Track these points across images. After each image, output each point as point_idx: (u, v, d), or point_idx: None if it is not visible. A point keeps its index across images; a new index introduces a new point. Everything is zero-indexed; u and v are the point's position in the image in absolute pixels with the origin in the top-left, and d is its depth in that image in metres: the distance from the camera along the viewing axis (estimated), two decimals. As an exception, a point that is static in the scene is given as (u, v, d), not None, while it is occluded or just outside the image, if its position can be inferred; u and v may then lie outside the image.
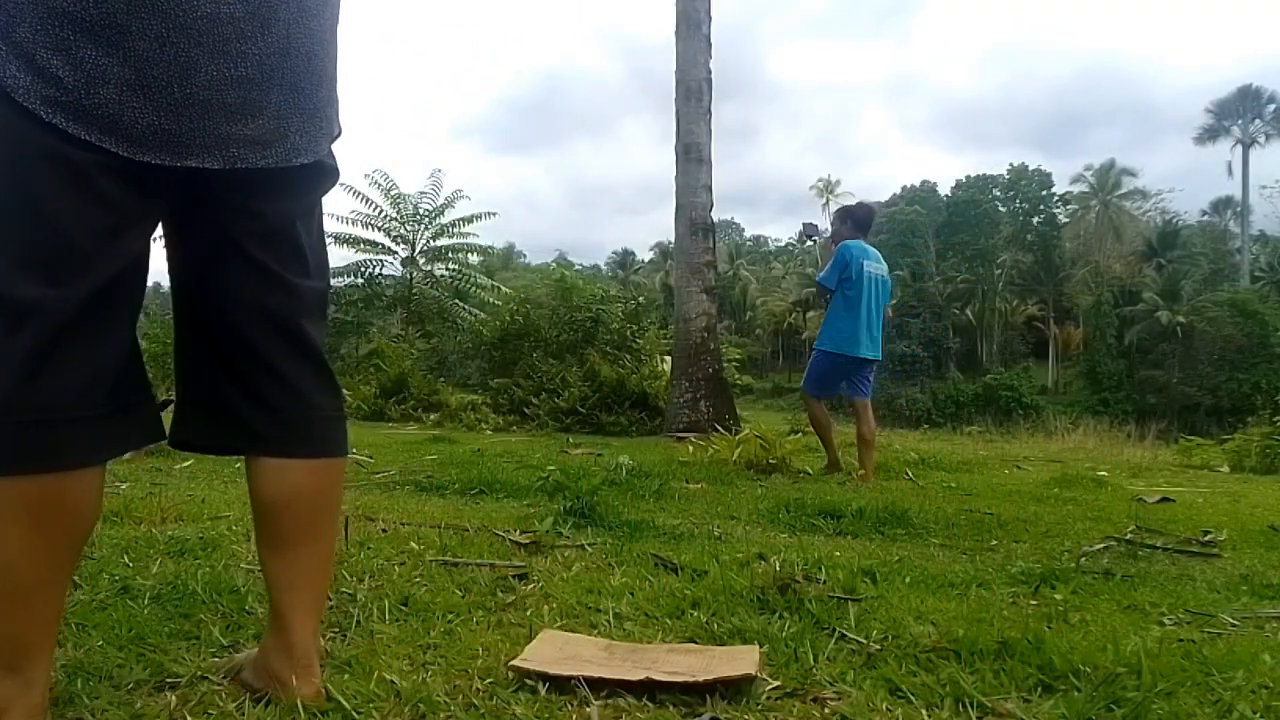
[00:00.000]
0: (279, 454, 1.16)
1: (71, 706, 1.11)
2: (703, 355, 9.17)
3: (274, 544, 1.17)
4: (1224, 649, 1.54)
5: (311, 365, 1.20)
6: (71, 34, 0.96)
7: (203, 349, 1.18)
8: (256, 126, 1.07)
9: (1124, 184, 52.44)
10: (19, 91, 0.96)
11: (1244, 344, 37.54)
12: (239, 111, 1.05)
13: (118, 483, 3.22)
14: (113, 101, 0.98)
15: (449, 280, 18.77)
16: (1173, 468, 8.81)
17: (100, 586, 1.65)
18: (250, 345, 1.15)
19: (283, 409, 1.17)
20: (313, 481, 1.18)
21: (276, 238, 1.16)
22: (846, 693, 1.26)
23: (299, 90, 1.11)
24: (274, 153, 1.10)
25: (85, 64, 0.97)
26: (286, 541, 1.17)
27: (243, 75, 1.05)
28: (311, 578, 1.19)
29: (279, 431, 1.17)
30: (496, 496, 3.59)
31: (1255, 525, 3.61)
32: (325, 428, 1.20)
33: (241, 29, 1.04)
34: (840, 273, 5.02)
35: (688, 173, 9.48)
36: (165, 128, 1.01)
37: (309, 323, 1.20)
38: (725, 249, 66.61)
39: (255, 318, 1.15)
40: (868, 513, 3.34)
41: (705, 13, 9.58)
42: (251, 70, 1.05)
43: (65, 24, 0.96)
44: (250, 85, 1.06)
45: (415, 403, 11.56)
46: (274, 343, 1.16)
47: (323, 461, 1.19)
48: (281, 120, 1.10)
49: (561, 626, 1.57)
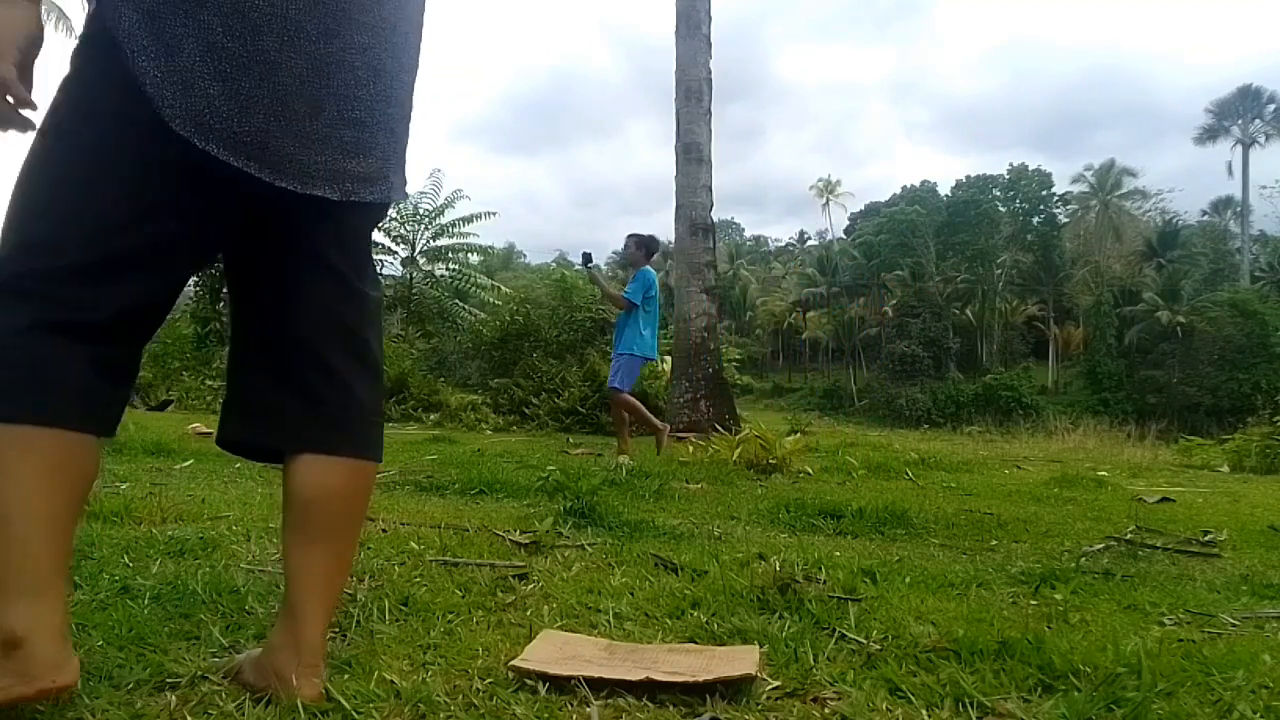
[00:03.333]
0: (323, 450, 1.20)
1: (71, 706, 1.10)
2: (703, 355, 9.17)
3: (302, 538, 1.19)
4: (1224, 649, 1.54)
5: (368, 371, 1.26)
6: (230, 67, 1.06)
7: (267, 353, 1.23)
8: (367, 164, 1.19)
9: (1124, 184, 52.46)
10: (177, 122, 1.04)
11: (1244, 344, 37.54)
12: (354, 149, 1.17)
13: (118, 483, 3.21)
14: (260, 130, 1.08)
15: (449, 280, 18.79)
16: (1173, 468, 8.81)
17: (100, 586, 1.64)
18: (320, 351, 1.21)
19: (332, 408, 1.21)
20: (349, 481, 1.22)
21: (353, 247, 1.25)
22: (846, 693, 1.26)
23: (395, 135, 1.24)
24: (379, 190, 1.21)
25: (241, 94, 1.07)
26: (315, 537, 1.19)
27: (357, 117, 1.16)
28: (330, 576, 1.20)
29: (326, 429, 1.20)
30: (496, 496, 3.59)
31: (1255, 525, 3.61)
32: (368, 430, 1.25)
33: (359, 76, 1.16)
34: (645, 292, 6.10)
35: (688, 173, 9.48)
36: (299, 158, 1.12)
37: (371, 331, 1.27)
38: (725, 249, 66.61)
39: (330, 326, 1.22)
40: (868, 513, 3.34)
41: (705, 13, 9.58)
42: (364, 114, 1.17)
43: (223, 57, 1.06)
44: (362, 127, 1.17)
45: (415, 403, 11.57)
46: (337, 345, 1.22)
47: (361, 463, 1.23)
48: (384, 161, 1.22)
49: (561, 626, 1.57)
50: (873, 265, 57.34)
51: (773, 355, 68.49)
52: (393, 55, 1.21)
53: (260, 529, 2.29)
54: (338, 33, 1.12)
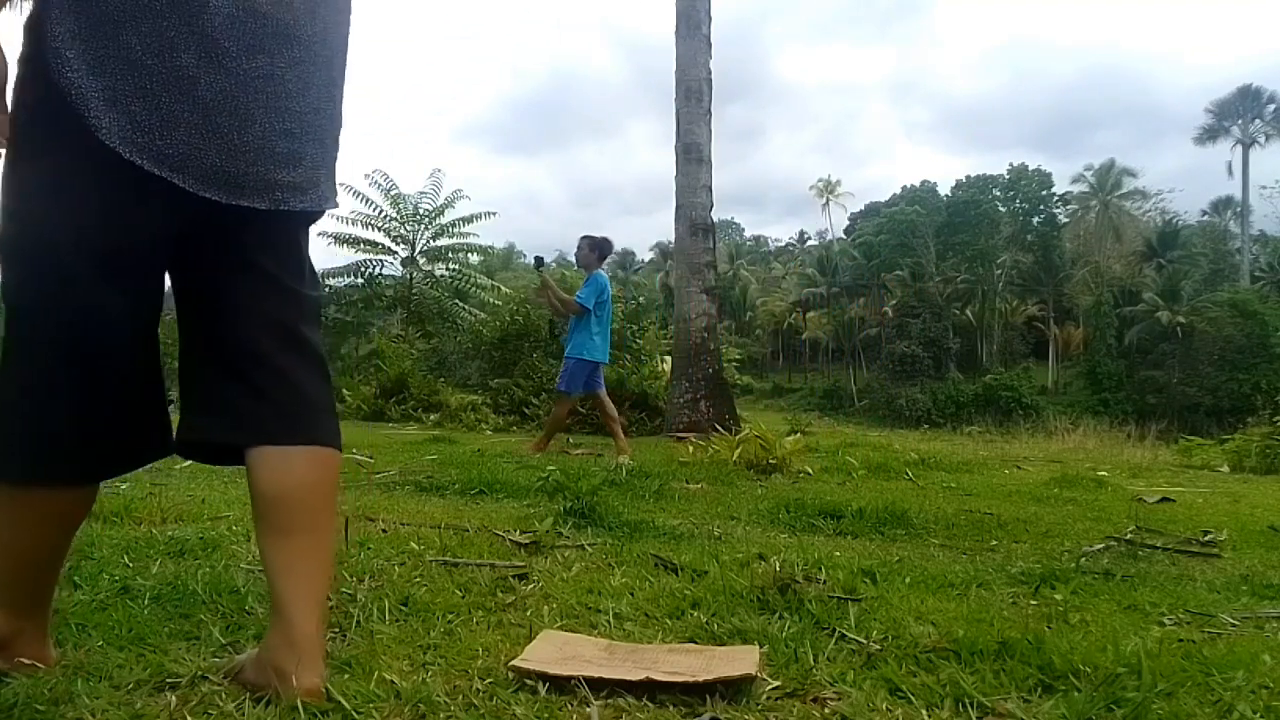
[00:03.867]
0: (281, 442, 1.22)
1: (71, 706, 1.11)
2: (703, 355, 9.16)
3: (274, 534, 1.20)
4: (1224, 649, 1.54)
5: (311, 366, 1.29)
6: (151, 83, 1.10)
7: (208, 353, 1.27)
8: (298, 174, 1.24)
9: (1124, 184, 52.42)
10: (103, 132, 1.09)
11: (1244, 344, 37.54)
12: (285, 160, 1.22)
13: (118, 483, 3.21)
14: (184, 143, 1.12)
15: (449, 280, 18.76)
16: (1173, 468, 8.81)
17: (100, 586, 1.65)
18: (256, 347, 1.24)
19: (284, 402, 1.24)
20: (312, 471, 1.23)
21: (288, 251, 1.29)
22: (846, 693, 1.26)
23: (325, 145, 1.29)
24: (310, 198, 1.27)
25: (162, 109, 1.11)
26: (287, 530, 1.20)
27: (288, 128, 1.21)
28: (312, 568, 1.20)
29: (281, 423, 1.23)
30: (496, 496, 3.58)
31: (1255, 525, 3.61)
32: (320, 419, 1.27)
33: (289, 88, 1.20)
34: (597, 296, 6.09)
35: (688, 173, 9.47)
36: (226, 169, 1.16)
37: (308, 327, 1.30)
38: (725, 249, 66.58)
39: (264, 323, 1.25)
40: (868, 513, 3.34)
41: (705, 13, 9.58)
42: (295, 125, 1.22)
43: (144, 75, 1.10)
44: (293, 138, 1.22)
45: (415, 403, 11.55)
46: (279, 344, 1.25)
47: (322, 451, 1.25)
48: (315, 170, 1.27)
49: (561, 626, 1.57)
50: (873, 265, 57.33)
51: (773, 355, 68.47)
52: (323, 69, 1.26)
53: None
54: (263, 48, 1.17)
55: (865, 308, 59.54)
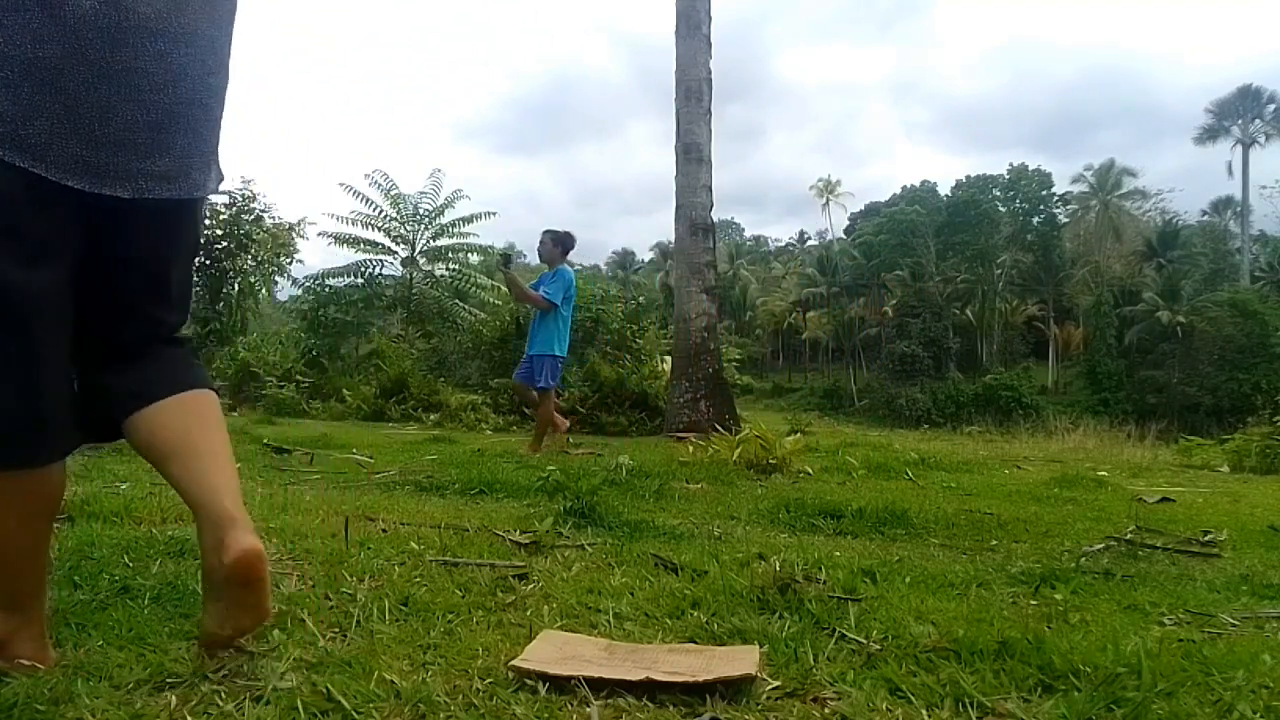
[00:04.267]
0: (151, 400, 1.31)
1: (71, 706, 1.11)
2: (703, 355, 9.16)
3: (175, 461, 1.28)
4: (1224, 649, 1.54)
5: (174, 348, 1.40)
6: (12, 73, 1.12)
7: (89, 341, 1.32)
8: (163, 164, 1.26)
9: (1124, 184, 52.43)
10: None
11: (1244, 344, 37.54)
12: (149, 150, 1.24)
13: (118, 483, 3.21)
14: (44, 132, 1.14)
15: (449, 280, 18.75)
16: (1173, 468, 8.81)
17: (100, 586, 1.64)
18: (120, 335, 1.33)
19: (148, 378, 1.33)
20: (192, 406, 1.33)
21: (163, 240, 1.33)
22: (846, 693, 1.26)
23: (198, 135, 1.32)
24: (177, 187, 1.28)
25: (23, 99, 1.13)
26: (187, 456, 1.28)
27: (153, 120, 1.23)
28: (217, 470, 1.28)
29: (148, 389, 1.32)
30: (496, 496, 3.58)
31: (1255, 525, 3.61)
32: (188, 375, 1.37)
33: (155, 80, 1.22)
34: (564, 292, 6.14)
35: (688, 173, 9.47)
36: (87, 159, 1.18)
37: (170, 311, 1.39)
38: (725, 249, 66.55)
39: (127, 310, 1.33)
40: (868, 513, 3.34)
41: (705, 13, 9.58)
42: (161, 116, 1.24)
43: (6, 65, 1.12)
44: (159, 129, 1.24)
45: (415, 403, 11.55)
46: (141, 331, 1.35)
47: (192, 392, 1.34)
48: (184, 160, 1.29)
49: (561, 626, 1.57)
50: (873, 265, 57.32)
51: (773, 355, 68.48)
52: (196, 59, 1.28)
53: (260, 529, 2.28)
54: (125, 41, 1.19)
55: (865, 307, 59.54)
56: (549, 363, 6.15)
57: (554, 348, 6.14)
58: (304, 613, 1.52)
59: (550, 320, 6.16)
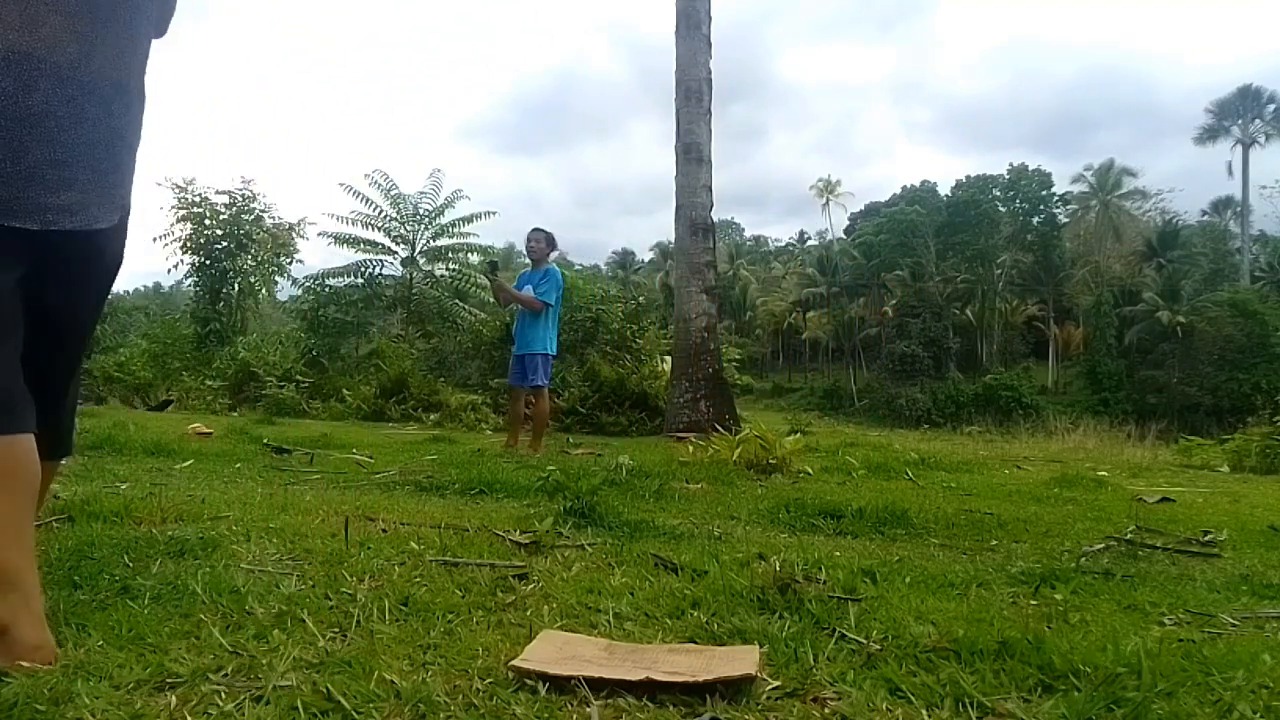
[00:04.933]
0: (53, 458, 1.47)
1: (71, 706, 1.11)
2: (703, 355, 9.17)
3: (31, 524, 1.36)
4: (1224, 649, 1.54)
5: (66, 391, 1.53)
6: None
7: None
8: (68, 198, 1.37)
9: (1124, 184, 52.42)
10: None
11: (1244, 344, 37.56)
12: (55, 186, 1.35)
13: (118, 483, 3.22)
14: None
15: (449, 280, 18.76)
16: (1173, 468, 8.81)
17: (100, 586, 1.64)
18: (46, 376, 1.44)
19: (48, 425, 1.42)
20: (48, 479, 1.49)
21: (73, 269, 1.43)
22: (846, 693, 1.26)
23: (98, 171, 1.42)
24: (79, 219, 1.38)
25: None
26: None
27: (59, 158, 1.35)
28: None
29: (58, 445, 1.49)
30: (496, 496, 3.58)
31: (1255, 525, 3.61)
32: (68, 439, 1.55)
33: (61, 122, 1.35)
34: (558, 292, 6.30)
35: (688, 173, 9.48)
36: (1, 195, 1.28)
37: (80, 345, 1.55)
38: (725, 249, 66.52)
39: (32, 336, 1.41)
40: (868, 513, 3.33)
41: (705, 13, 9.58)
42: (66, 155, 1.35)
43: None
44: (64, 166, 1.36)
45: (415, 403, 11.56)
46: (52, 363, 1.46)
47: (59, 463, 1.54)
48: (85, 194, 1.39)
49: (561, 626, 1.57)
50: (873, 265, 57.32)
51: (773, 355, 68.48)
52: (99, 104, 1.40)
53: (260, 529, 2.29)
54: (36, 86, 1.31)
55: (865, 307, 59.55)
56: (541, 361, 6.21)
57: (546, 346, 6.22)
58: (304, 613, 1.52)
59: (540, 320, 6.21)
